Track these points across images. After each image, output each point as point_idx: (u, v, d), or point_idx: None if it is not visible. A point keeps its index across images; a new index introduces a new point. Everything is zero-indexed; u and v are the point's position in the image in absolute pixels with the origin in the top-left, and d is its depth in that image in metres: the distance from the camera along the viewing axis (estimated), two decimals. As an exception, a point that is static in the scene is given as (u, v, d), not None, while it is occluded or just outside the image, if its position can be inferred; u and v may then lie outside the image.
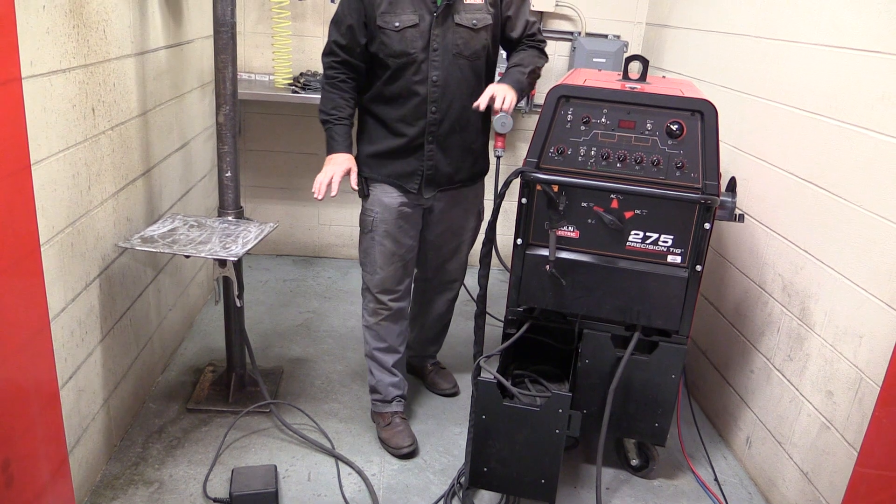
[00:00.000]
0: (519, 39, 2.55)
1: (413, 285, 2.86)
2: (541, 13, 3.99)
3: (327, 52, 2.48)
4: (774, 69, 2.66)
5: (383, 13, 2.35)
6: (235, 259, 2.36)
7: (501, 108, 2.31)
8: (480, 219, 2.79)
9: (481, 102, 2.31)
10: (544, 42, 2.61)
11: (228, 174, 2.63)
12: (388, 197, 2.52)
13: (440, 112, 2.42)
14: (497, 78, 2.50)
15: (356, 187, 2.50)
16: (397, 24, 2.34)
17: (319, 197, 2.33)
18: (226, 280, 2.56)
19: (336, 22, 2.45)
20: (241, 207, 2.72)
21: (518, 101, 2.42)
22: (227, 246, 2.39)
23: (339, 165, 2.41)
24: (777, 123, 2.61)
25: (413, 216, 2.57)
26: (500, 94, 2.31)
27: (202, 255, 2.33)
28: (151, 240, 2.42)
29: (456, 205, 2.64)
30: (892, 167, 1.99)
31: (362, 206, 2.61)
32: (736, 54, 2.98)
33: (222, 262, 2.46)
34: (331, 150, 2.47)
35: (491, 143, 3.44)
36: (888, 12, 2.04)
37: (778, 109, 2.61)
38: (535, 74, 2.52)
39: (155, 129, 2.78)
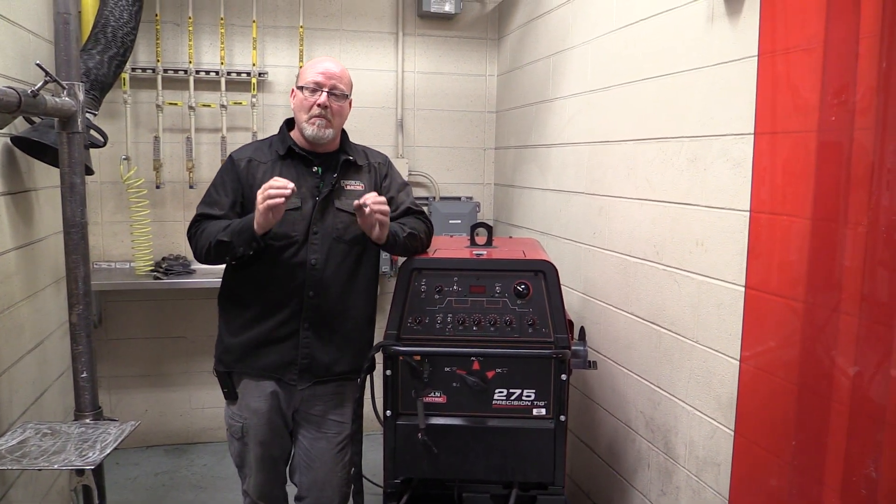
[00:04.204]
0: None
1: None
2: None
3: (194, 222, 2.34)
4: (608, 221, 2.94)
5: None
6: (93, 467, 2.23)
7: (368, 206, 2.15)
8: (360, 431, 2.47)
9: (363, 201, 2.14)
10: (430, 224, 2.53)
11: (84, 375, 2.52)
12: (256, 401, 2.40)
13: (318, 297, 2.34)
14: (382, 267, 2.43)
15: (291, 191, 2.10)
16: None
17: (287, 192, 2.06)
18: (85, 489, 2.40)
19: (206, 202, 2.35)
20: (100, 408, 2.59)
21: (387, 248, 2.33)
22: (84, 453, 2.26)
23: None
24: (616, 270, 2.85)
25: (286, 414, 2.45)
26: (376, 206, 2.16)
27: (55, 467, 2.19)
28: (-2, 456, 2.26)
29: (335, 406, 2.46)
30: (713, 303, 2.22)
31: (228, 409, 2.48)
32: (575, 210, 3.27)
33: (79, 471, 2.31)
34: (249, 221, 2.19)
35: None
36: (689, 171, 2.34)
37: (615, 257, 2.85)
38: (414, 238, 2.37)
39: (3, 333, 2.65)
